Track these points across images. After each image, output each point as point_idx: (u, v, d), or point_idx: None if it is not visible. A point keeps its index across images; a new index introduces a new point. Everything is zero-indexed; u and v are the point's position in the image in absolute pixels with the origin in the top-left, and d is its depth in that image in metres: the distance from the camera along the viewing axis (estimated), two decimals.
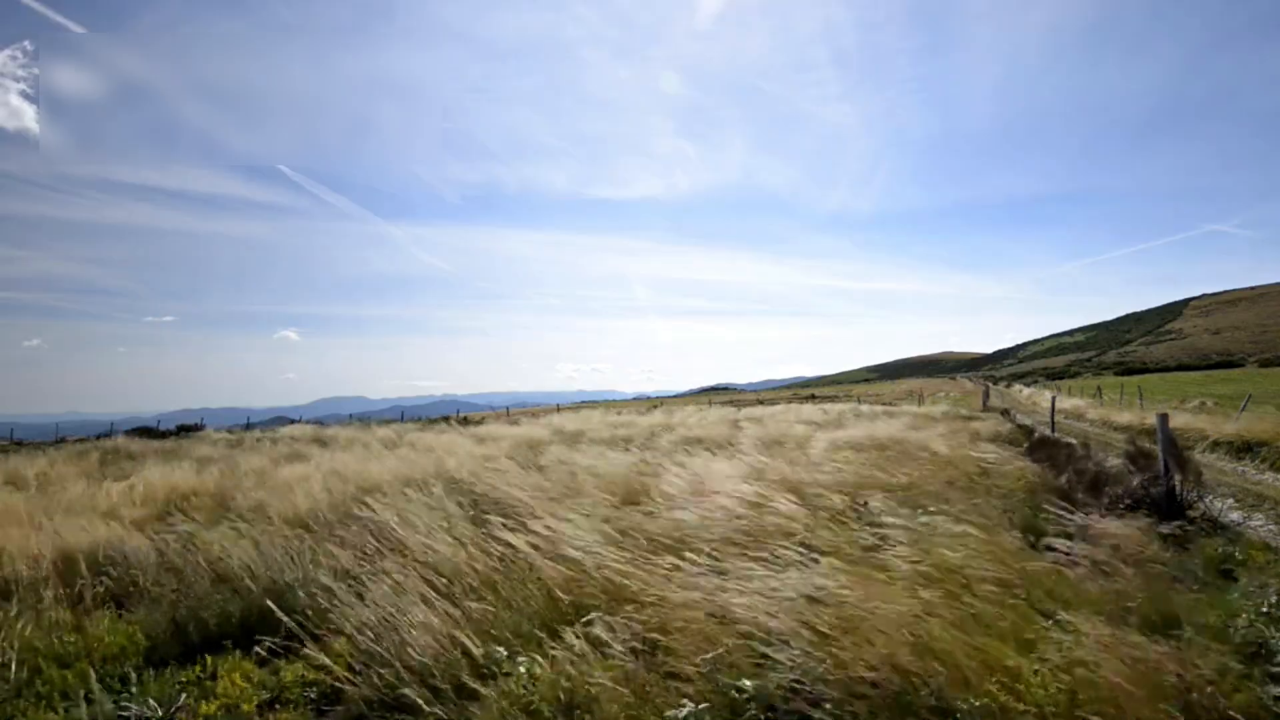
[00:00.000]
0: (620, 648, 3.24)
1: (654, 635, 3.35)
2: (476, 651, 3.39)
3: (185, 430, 26.80)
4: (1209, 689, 2.81)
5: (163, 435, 24.68)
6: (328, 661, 3.53)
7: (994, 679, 2.80)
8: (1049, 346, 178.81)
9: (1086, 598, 3.88)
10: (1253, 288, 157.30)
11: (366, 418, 33.26)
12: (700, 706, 2.70)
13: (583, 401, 68.64)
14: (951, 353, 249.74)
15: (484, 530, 5.16)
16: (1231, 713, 2.71)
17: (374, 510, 6.09)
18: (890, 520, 5.21)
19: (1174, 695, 2.71)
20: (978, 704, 2.65)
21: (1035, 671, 2.85)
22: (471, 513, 6.13)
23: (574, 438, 14.81)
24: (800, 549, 4.25)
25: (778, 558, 4.10)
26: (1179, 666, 2.93)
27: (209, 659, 3.82)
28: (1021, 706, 2.67)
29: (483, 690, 3.08)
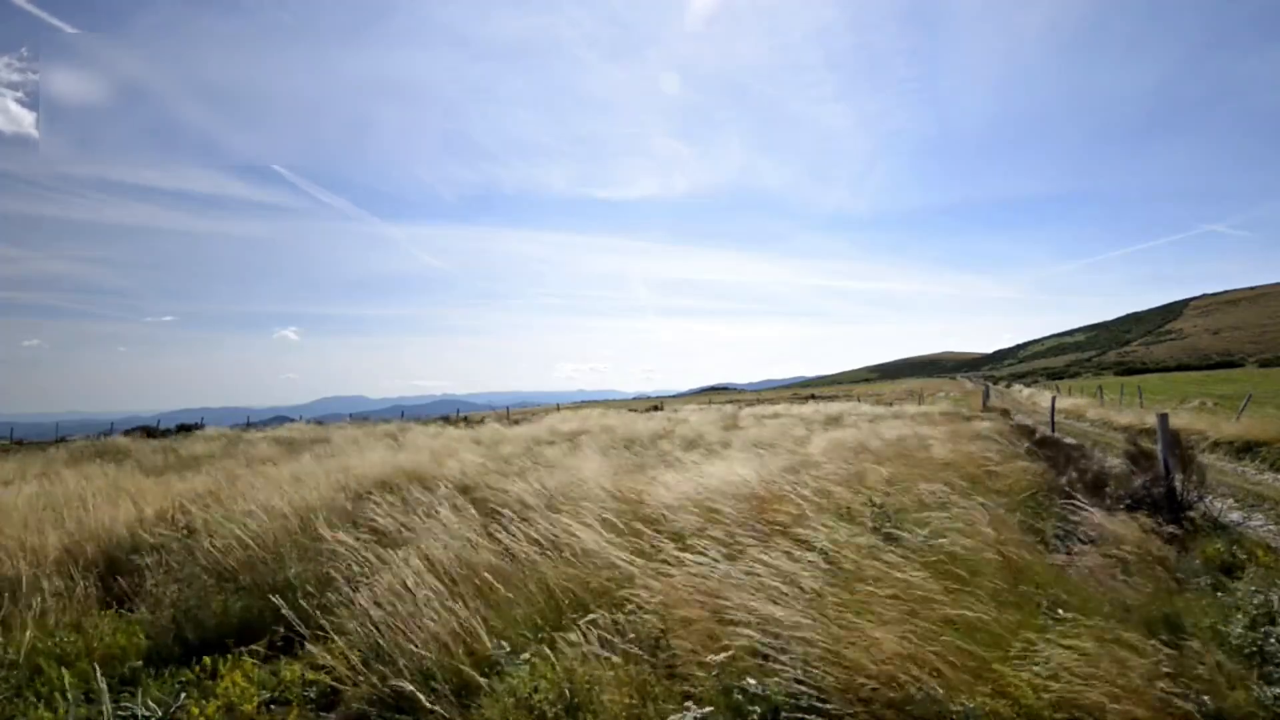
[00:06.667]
0: (623, 646, 3.23)
1: (656, 634, 3.35)
2: (478, 650, 3.39)
3: (185, 429, 26.81)
4: (1204, 690, 2.81)
5: (163, 434, 24.68)
6: (328, 661, 3.53)
7: (989, 684, 2.79)
8: (1049, 346, 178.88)
9: (1087, 597, 3.87)
10: (1253, 288, 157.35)
11: (366, 417, 33.27)
12: (705, 710, 2.69)
13: (583, 401, 68.60)
14: (951, 353, 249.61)
15: (486, 528, 5.16)
16: (1225, 714, 2.71)
17: (375, 508, 6.09)
18: (890, 519, 5.21)
19: (1167, 698, 2.71)
20: (971, 705, 2.65)
21: (1030, 675, 2.84)
22: (473, 510, 6.13)
23: (573, 437, 14.81)
24: (800, 549, 4.25)
25: (778, 557, 4.09)
26: (1175, 668, 2.93)
27: (209, 658, 3.82)
28: (1014, 711, 2.66)
29: (485, 689, 3.08)
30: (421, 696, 3.03)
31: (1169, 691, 2.74)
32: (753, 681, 2.82)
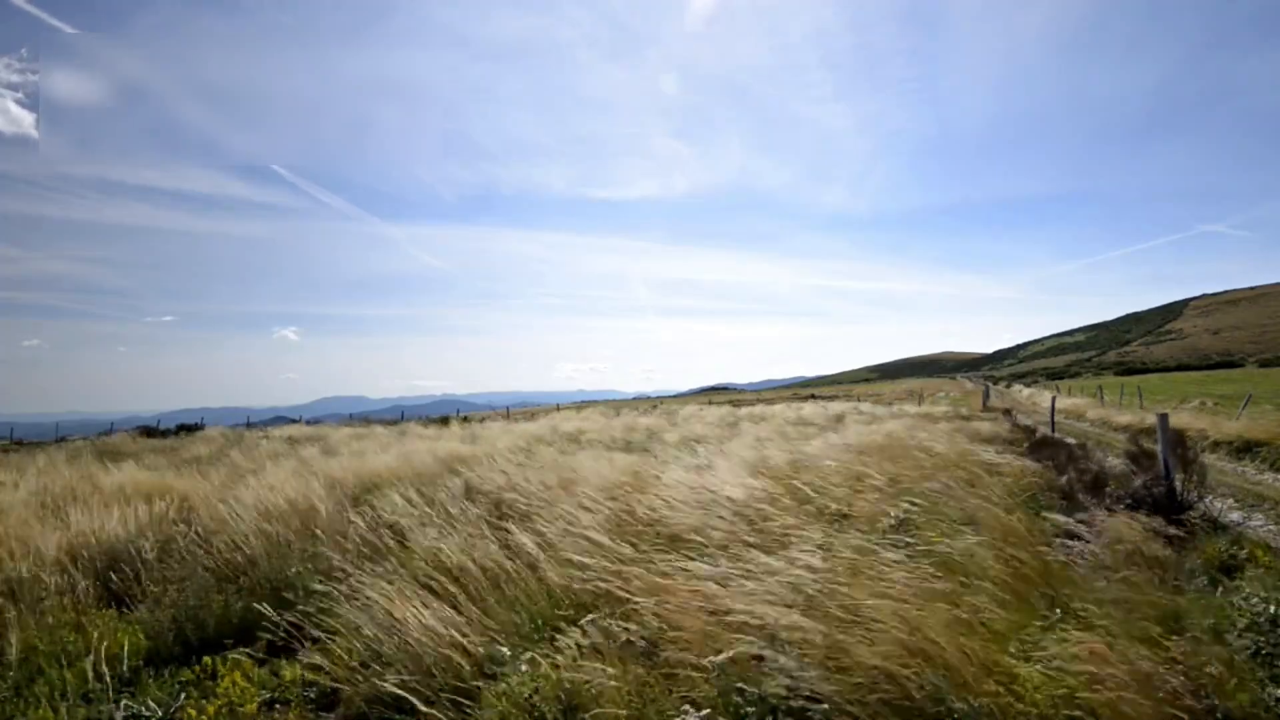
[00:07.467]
0: (621, 648, 3.23)
1: (654, 637, 3.34)
2: (478, 652, 3.38)
3: (185, 430, 26.79)
4: (1208, 691, 2.81)
5: (163, 434, 24.68)
6: (328, 662, 3.53)
7: (992, 681, 2.79)
8: (1049, 346, 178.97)
9: (1087, 597, 3.87)
10: (1252, 288, 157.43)
11: (367, 417, 33.26)
12: (704, 713, 2.69)
13: (583, 401, 68.53)
14: (951, 353, 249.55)
15: (484, 527, 5.16)
16: (1230, 714, 2.70)
17: (375, 507, 6.09)
18: (891, 518, 5.21)
19: (1172, 697, 2.71)
20: (976, 704, 2.64)
21: (1034, 673, 2.84)
22: (472, 510, 6.12)
23: (574, 437, 14.80)
24: (801, 546, 4.25)
25: (777, 558, 4.09)
26: (1177, 668, 2.93)
27: (210, 658, 3.82)
28: (1020, 707, 2.66)
29: (483, 691, 3.07)
30: (420, 697, 3.03)
31: (1171, 692, 2.74)
32: (750, 685, 2.82)
